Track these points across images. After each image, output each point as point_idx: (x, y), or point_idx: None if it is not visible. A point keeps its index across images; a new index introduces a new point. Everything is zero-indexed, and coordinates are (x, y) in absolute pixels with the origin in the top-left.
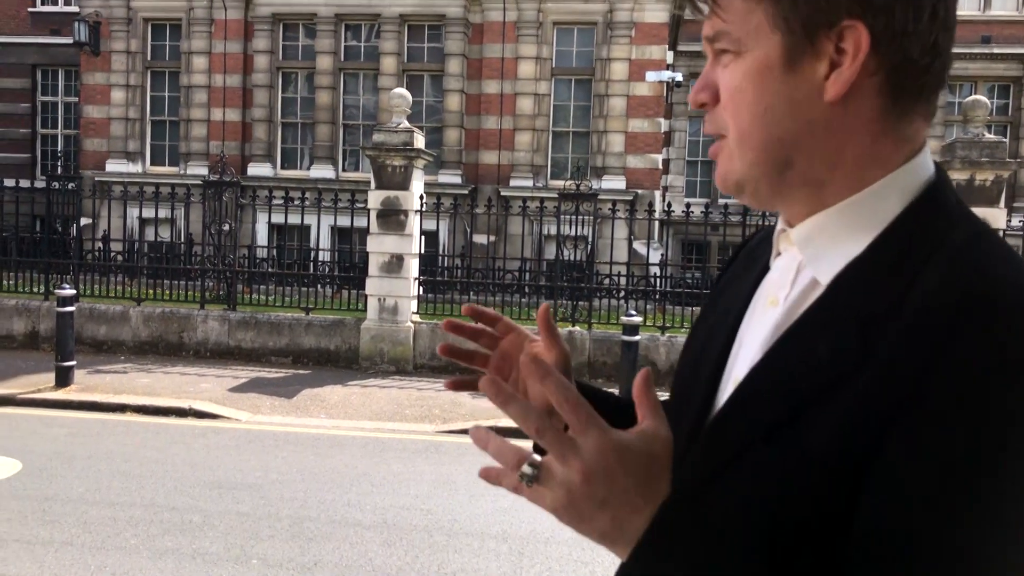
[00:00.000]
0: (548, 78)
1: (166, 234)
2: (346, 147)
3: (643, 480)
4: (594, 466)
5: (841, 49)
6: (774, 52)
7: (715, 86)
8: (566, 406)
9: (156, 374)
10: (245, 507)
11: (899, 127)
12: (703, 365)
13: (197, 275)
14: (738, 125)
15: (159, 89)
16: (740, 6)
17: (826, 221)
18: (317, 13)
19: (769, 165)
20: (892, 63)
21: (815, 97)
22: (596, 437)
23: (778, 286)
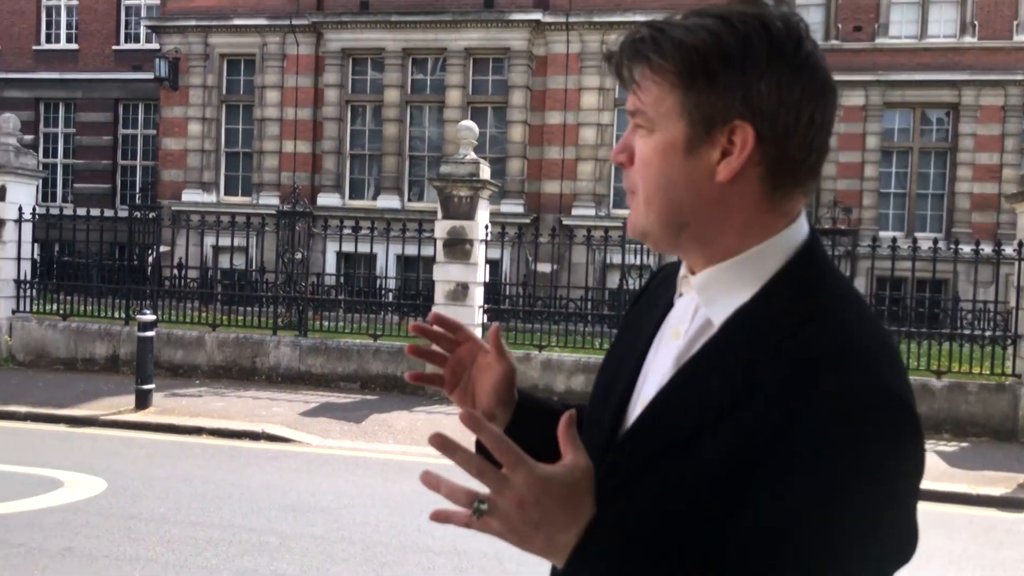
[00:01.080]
0: (611, 108)
1: (239, 262)
2: (412, 178)
3: (567, 504)
4: (525, 496)
5: (732, 141)
6: (678, 136)
7: (631, 150)
8: (498, 451)
9: (230, 398)
10: (319, 530)
11: (779, 204)
12: (614, 389)
13: (269, 302)
14: (645, 189)
15: (233, 122)
16: (656, 92)
17: (718, 273)
18: (385, 48)
19: (668, 224)
20: (773, 157)
21: (708, 176)
22: (524, 473)
23: (680, 321)
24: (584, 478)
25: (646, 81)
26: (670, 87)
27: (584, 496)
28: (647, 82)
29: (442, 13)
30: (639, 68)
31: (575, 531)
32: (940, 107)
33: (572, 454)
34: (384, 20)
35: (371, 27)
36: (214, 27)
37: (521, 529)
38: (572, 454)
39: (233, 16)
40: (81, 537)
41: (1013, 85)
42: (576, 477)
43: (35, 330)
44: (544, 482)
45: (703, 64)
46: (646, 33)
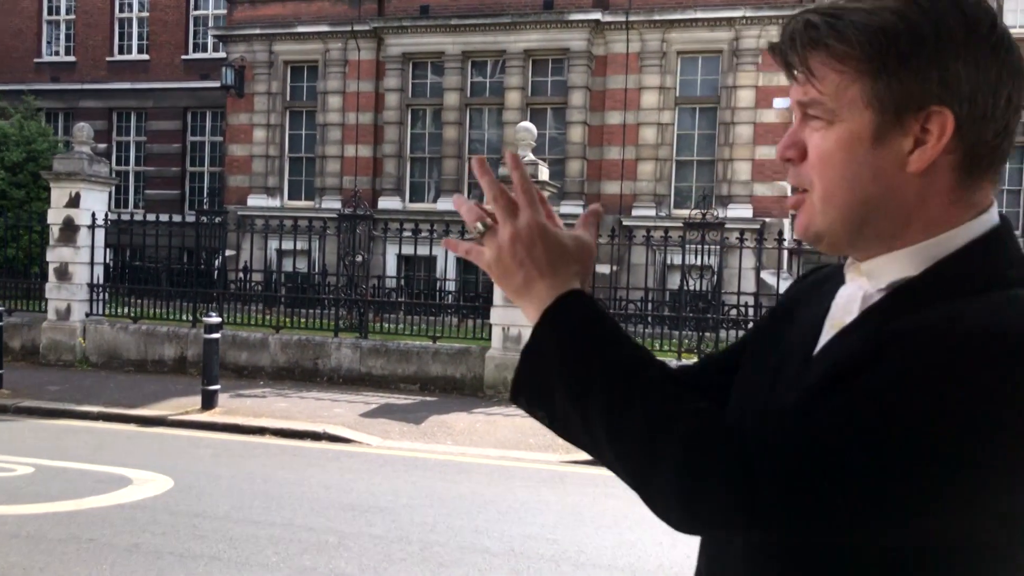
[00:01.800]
0: (672, 107)
1: (302, 265)
2: (471, 180)
3: (553, 257)
4: (520, 232)
5: (926, 129)
6: (865, 126)
7: (802, 145)
8: (521, 188)
9: (292, 399)
10: (378, 530)
11: (969, 195)
12: (779, 384)
13: (331, 304)
14: (824, 185)
15: (297, 127)
16: (836, 80)
17: (893, 257)
18: (445, 51)
19: (849, 222)
20: (969, 143)
21: (898, 168)
22: (529, 214)
23: (844, 312)
24: (578, 249)
25: (824, 69)
26: (855, 74)
27: (572, 262)
28: (825, 70)
29: (501, 15)
30: (814, 55)
31: (547, 283)
32: None
33: (582, 230)
34: (444, 24)
35: (431, 31)
36: (278, 35)
37: (505, 261)
38: (582, 230)
39: (296, 24)
40: (148, 534)
41: None
42: (572, 244)
43: (107, 332)
44: (542, 229)
45: (893, 47)
46: (817, 19)
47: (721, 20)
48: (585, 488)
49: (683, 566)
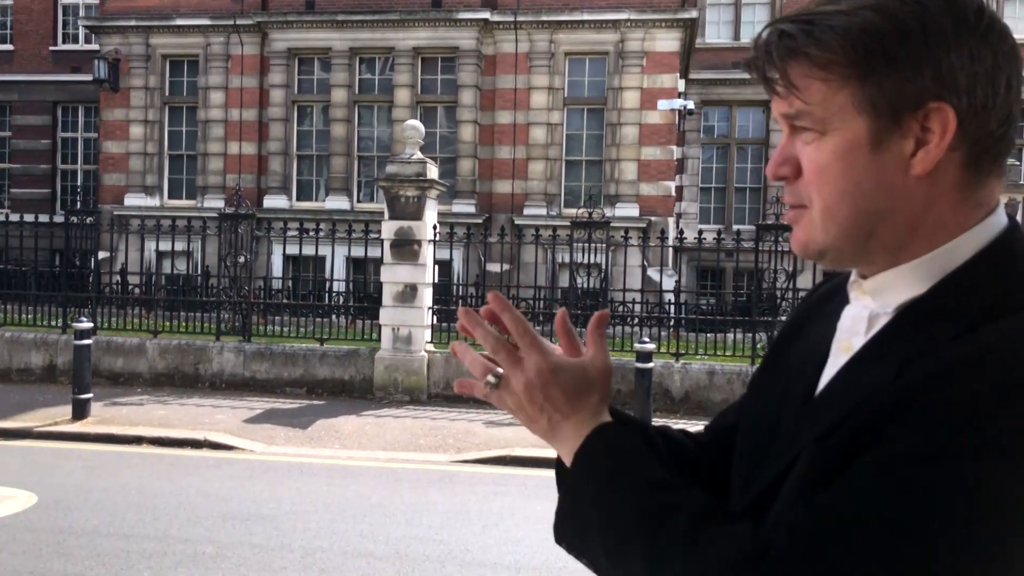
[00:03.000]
0: (560, 108)
1: (183, 266)
2: (361, 178)
3: (572, 394)
4: (533, 379)
5: (927, 128)
6: (861, 133)
7: (795, 160)
8: (517, 332)
9: (172, 406)
10: (258, 538)
11: (976, 193)
12: (787, 406)
13: (213, 307)
14: (824, 199)
15: (177, 124)
16: (822, 88)
17: (898, 275)
18: (332, 47)
19: (853, 236)
20: (973, 137)
21: (901, 173)
22: (536, 357)
23: (851, 333)
24: (596, 376)
25: (806, 79)
26: (841, 80)
27: (591, 391)
28: (808, 80)
29: (389, 12)
30: (795, 67)
31: (574, 421)
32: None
33: (593, 351)
34: (330, 19)
35: (317, 27)
36: (155, 27)
37: (528, 409)
38: (593, 351)
39: (175, 16)
40: (5, 553)
41: None
42: (588, 372)
43: None
44: (553, 370)
45: (878, 46)
46: (791, 28)
47: (606, 22)
48: (475, 487)
49: (567, 560)
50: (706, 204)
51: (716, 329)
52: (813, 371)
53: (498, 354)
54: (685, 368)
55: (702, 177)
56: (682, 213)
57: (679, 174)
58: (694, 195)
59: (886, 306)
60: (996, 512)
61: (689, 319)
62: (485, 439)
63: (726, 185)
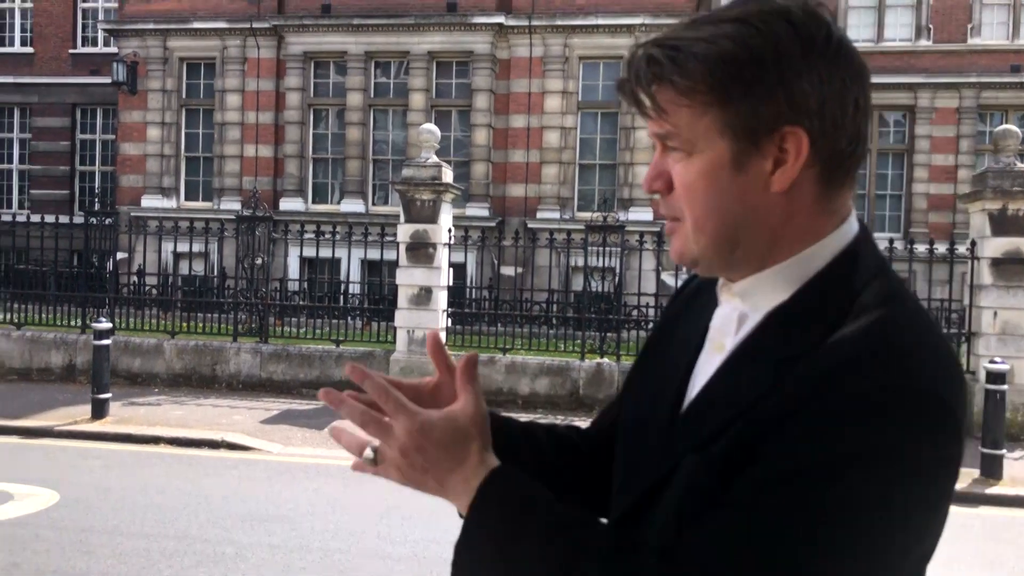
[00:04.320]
0: (574, 112)
1: (200, 268)
2: (376, 182)
3: (450, 448)
4: (407, 443)
5: (783, 149)
6: (724, 154)
7: (668, 175)
8: (380, 399)
9: (189, 406)
10: (277, 539)
11: (830, 204)
12: (662, 399)
13: (230, 308)
14: (693, 215)
15: (193, 126)
16: (687, 113)
17: (762, 279)
18: (347, 51)
19: (721, 247)
20: (825, 155)
21: (762, 190)
22: (404, 420)
23: (722, 333)
24: (469, 423)
25: (672, 105)
26: (703, 106)
27: (468, 441)
28: (674, 106)
29: (404, 16)
30: (662, 92)
31: (460, 475)
32: (897, 109)
33: (463, 399)
34: (346, 23)
35: (333, 30)
36: (173, 30)
37: (410, 474)
38: (463, 399)
39: (192, 19)
40: (29, 552)
41: (967, 87)
42: (459, 422)
43: None
44: (424, 429)
45: (735, 74)
46: (657, 53)
47: (621, 27)
48: None
49: None
50: None
51: None
52: (684, 370)
53: (367, 428)
54: None
55: None
56: None
57: None
58: None
59: (755, 308)
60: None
61: None
62: None
63: None
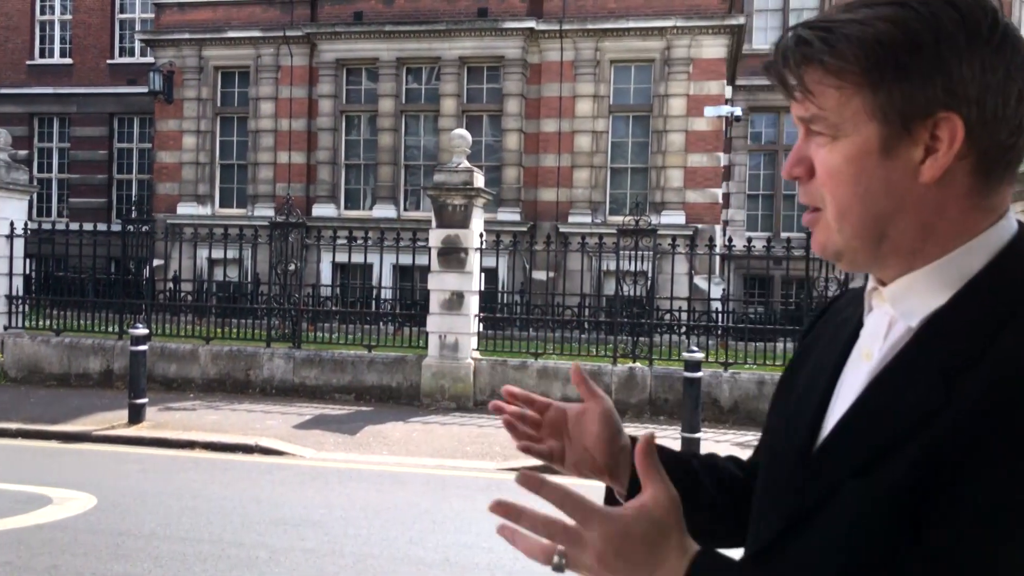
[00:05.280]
0: (606, 115)
1: (234, 274)
2: (407, 187)
3: (649, 547)
4: (604, 550)
5: (936, 136)
6: (872, 139)
7: (809, 161)
8: (566, 508)
9: (224, 411)
10: (310, 544)
11: (987, 199)
12: (801, 416)
13: (263, 314)
14: (837, 202)
15: (228, 134)
16: (835, 95)
17: (914, 281)
18: (379, 58)
19: (867, 239)
20: (982, 147)
21: (910, 179)
22: (600, 526)
23: (871, 340)
24: (664, 515)
25: (821, 86)
26: (854, 88)
27: (668, 533)
28: (822, 87)
29: (435, 22)
30: (810, 72)
31: (665, 570)
32: None
33: (651, 489)
34: (378, 30)
35: (365, 37)
36: (208, 40)
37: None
38: (651, 489)
39: (227, 29)
40: (68, 555)
41: None
42: (656, 516)
43: (27, 346)
44: (621, 531)
45: (892, 56)
46: (809, 35)
47: (652, 29)
48: (523, 495)
49: None
50: (753, 211)
51: (765, 338)
52: (825, 387)
53: (556, 537)
54: (734, 377)
55: (749, 184)
56: (729, 220)
57: (726, 181)
58: (741, 202)
59: (906, 313)
60: None
61: (737, 328)
62: None
63: (774, 192)
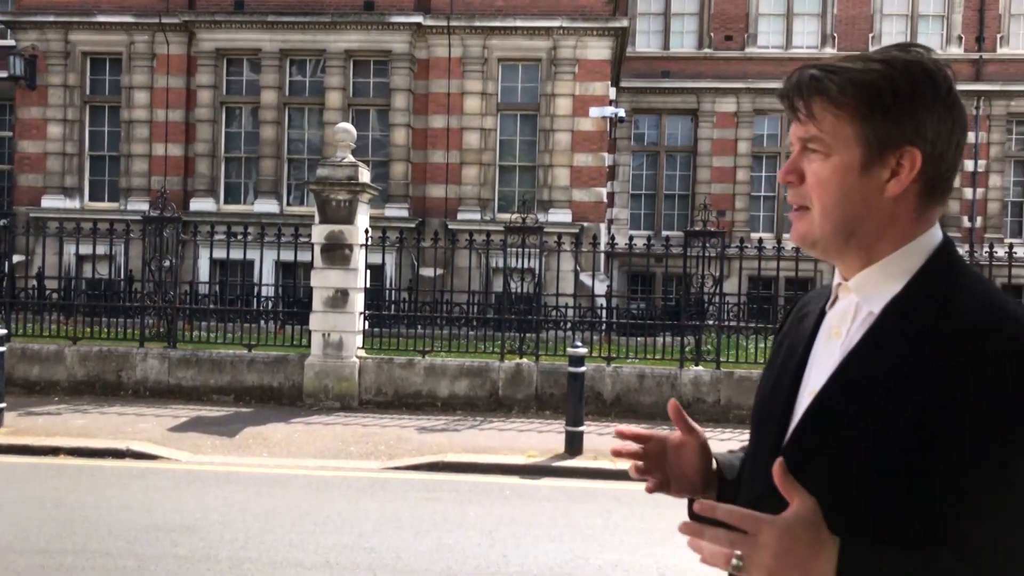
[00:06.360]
0: (494, 113)
1: (105, 271)
2: (291, 181)
3: (811, 540)
4: (777, 548)
5: (901, 163)
6: (855, 159)
7: (801, 171)
8: (739, 522)
9: (92, 415)
10: (183, 550)
11: (925, 215)
12: (779, 392)
13: (136, 312)
14: (822, 204)
15: (98, 124)
16: (833, 121)
17: (872, 272)
18: (262, 48)
19: (840, 234)
20: (929, 176)
21: (878, 192)
22: (769, 529)
23: (839, 322)
24: (814, 516)
25: (823, 112)
26: (849, 118)
27: (820, 529)
28: (824, 113)
29: (320, 14)
30: (817, 102)
31: (824, 559)
32: None
33: (798, 498)
34: (260, 20)
35: (246, 27)
36: (75, 23)
37: (781, 574)
38: (798, 498)
39: (96, 12)
40: None
41: None
42: (809, 515)
43: None
44: (788, 532)
45: (880, 99)
46: (819, 74)
47: (539, 29)
48: (407, 494)
49: (499, 565)
50: (636, 210)
51: (646, 333)
52: (797, 364)
53: (736, 545)
54: (616, 371)
55: (632, 184)
56: (613, 219)
57: (610, 180)
58: (625, 201)
59: (869, 299)
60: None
61: (620, 323)
62: (417, 445)
63: (656, 192)
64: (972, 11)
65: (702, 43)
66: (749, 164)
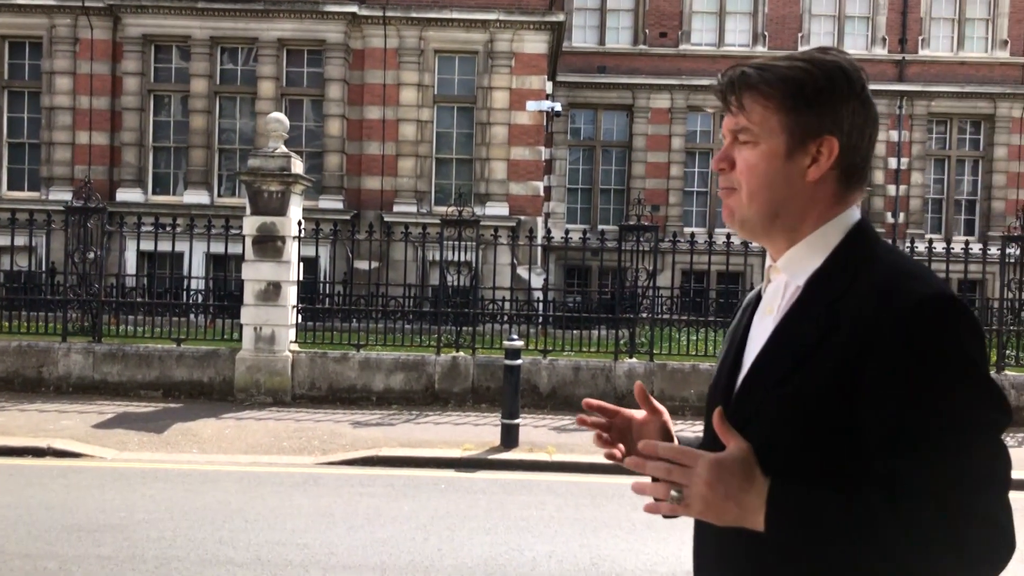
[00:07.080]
0: (431, 105)
1: (24, 263)
2: (222, 172)
3: (742, 475)
4: (710, 477)
5: (820, 151)
6: (780, 147)
7: (732, 159)
8: (677, 457)
9: (11, 412)
10: (107, 550)
11: (844, 197)
12: (722, 373)
13: (59, 306)
14: (749, 187)
15: (17, 110)
16: (761, 112)
17: (797, 251)
18: (191, 36)
19: (766, 215)
20: (845, 164)
21: (800, 177)
22: (704, 462)
23: (772, 300)
24: (748, 454)
25: (753, 105)
26: (775, 109)
27: (752, 466)
28: (754, 105)
29: (253, 2)
30: (748, 95)
31: (753, 492)
32: None
33: (733, 440)
34: (189, 6)
35: (175, 13)
36: None
37: (716, 504)
38: (733, 440)
39: None
40: None
41: None
42: (743, 455)
43: None
44: (720, 464)
45: (803, 93)
46: (750, 71)
47: (476, 22)
48: (340, 489)
49: (433, 559)
50: (573, 204)
51: (582, 326)
52: (739, 341)
53: (672, 474)
54: (552, 364)
55: (569, 178)
56: (550, 213)
57: (547, 175)
58: (561, 195)
59: (795, 275)
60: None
61: (556, 316)
62: (352, 440)
63: (592, 186)
64: (896, 14)
65: (637, 39)
66: (683, 160)
